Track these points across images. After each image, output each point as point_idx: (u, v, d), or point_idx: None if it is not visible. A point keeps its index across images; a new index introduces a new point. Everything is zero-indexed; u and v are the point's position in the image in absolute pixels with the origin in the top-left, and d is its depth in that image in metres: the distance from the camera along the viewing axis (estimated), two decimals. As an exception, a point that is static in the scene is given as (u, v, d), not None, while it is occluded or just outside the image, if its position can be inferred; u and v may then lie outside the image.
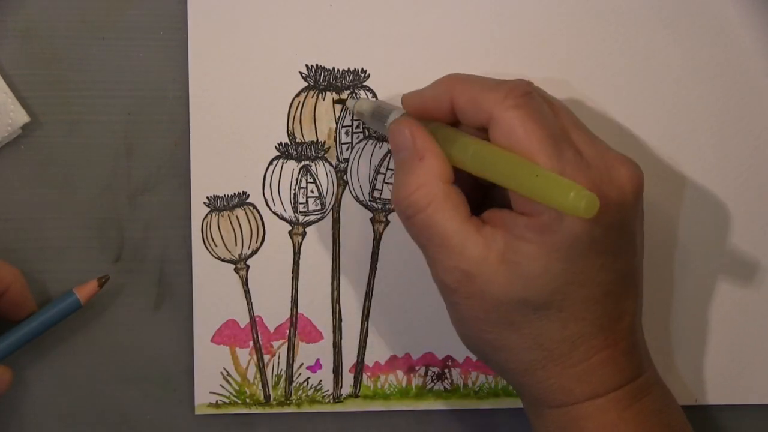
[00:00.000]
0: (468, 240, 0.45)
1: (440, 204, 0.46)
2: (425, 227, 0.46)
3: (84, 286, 0.52)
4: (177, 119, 0.53)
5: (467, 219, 0.46)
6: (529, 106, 0.45)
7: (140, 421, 0.55)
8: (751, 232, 0.56)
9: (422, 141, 0.47)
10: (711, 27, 0.54)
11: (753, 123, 0.55)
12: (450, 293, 0.47)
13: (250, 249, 0.54)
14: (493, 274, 0.45)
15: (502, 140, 0.45)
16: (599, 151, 0.46)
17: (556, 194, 0.41)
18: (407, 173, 0.47)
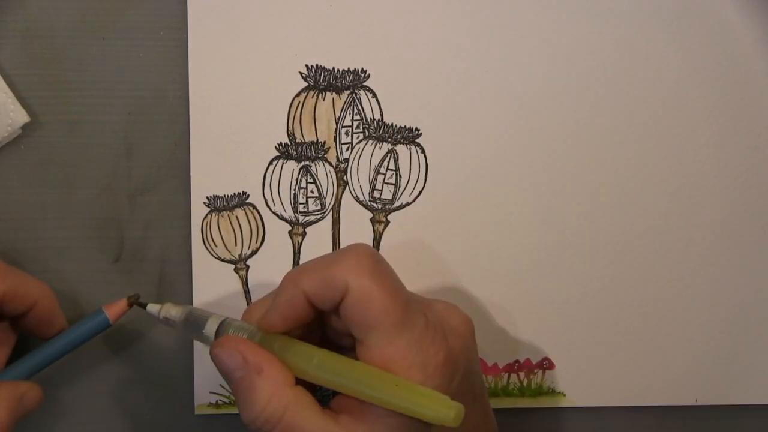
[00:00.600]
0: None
1: (295, 408, 0.44)
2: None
3: (113, 305, 0.51)
4: (177, 119, 0.53)
5: (323, 415, 0.45)
6: (382, 272, 0.44)
7: (140, 421, 0.55)
8: (751, 232, 0.56)
9: (254, 355, 0.45)
10: (711, 27, 0.54)
11: (753, 123, 0.55)
12: None
13: (250, 249, 0.54)
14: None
15: (356, 313, 0.44)
16: (432, 308, 0.47)
17: (422, 407, 0.42)
18: (250, 391, 0.45)
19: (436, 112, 0.54)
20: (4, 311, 0.49)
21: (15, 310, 0.50)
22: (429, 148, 0.54)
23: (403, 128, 0.54)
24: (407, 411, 0.42)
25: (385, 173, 0.54)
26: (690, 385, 0.57)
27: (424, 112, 0.54)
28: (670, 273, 0.56)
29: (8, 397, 0.48)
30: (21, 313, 0.50)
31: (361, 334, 0.44)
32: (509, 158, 0.54)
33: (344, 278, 0.44)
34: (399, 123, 0.54)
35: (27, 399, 0.49)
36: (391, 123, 0.54)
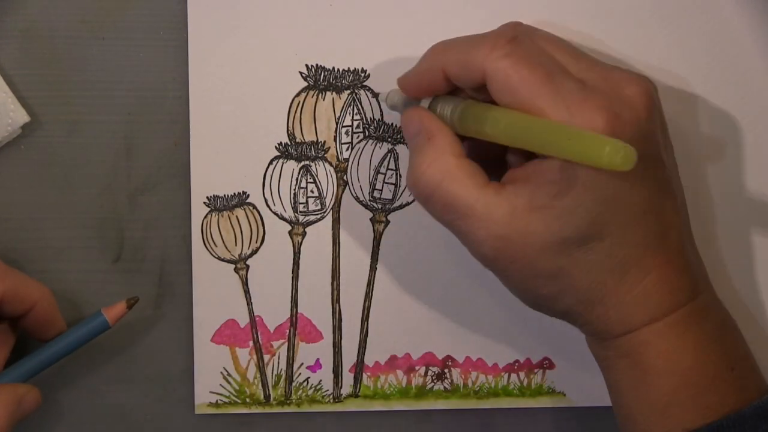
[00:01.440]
0: (491, 203, 0.45)
1: (454, 176, 0.46)
2: (445, 203, 0.46)
3: (112, 308, 0.52)
4: (177, 119, 0.53)
5: (485, 185, 0.46)
6: (518, 51, 0.45)
7: (140, 420, 0.55)
8: (750, 232, 0.56)
9: (429, 122, 0.47)
10: (711, 27, 0.54)
11: (753, 123, 0.55)
12: (492, 263, 0.46)
13: (250, 249, 0.54)
14: (527, 226, 0.45)
15: (501, 94, 0.45)
16: (603, 74, 0.46)
17: (592, 152, 0.41)
18: (418, 155, 0.47)
19: (436, 112, 0.54)
20: (4, 312, 0.49)
21: (14, 312, 0.50)
22: (429, 148, 0.54)
23: (403, 128, 0.54)
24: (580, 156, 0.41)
25: (385, 173, 0.54)
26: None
27: (424, 112, 0.54)
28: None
29: (7, 400, 0.48)
30: (20, 315, 0.50)
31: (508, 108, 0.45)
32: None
33: (481, 63, 0.45)
34: (399, 123, 0.54)
35: (25, 402, 0.49)
36: (391, 123, 0.54)
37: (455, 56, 0.46)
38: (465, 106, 0.47)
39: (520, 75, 0.44)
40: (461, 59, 0.46)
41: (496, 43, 0.45)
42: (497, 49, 0.45)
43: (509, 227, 0.45)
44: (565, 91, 0.44)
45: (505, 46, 0.45)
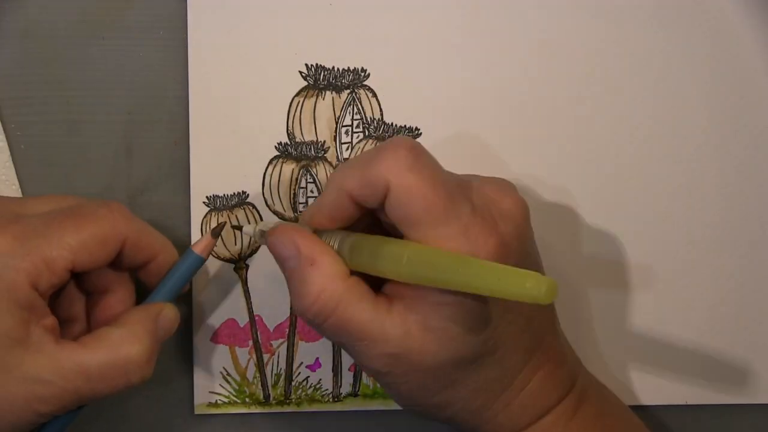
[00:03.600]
0: (385, 324, 0.44)
1: (347, 302, 0.44)
2: (340, 329, 0.45)
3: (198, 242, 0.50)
4: (177, 119, 0.53)
5: (376, 304, 0.45)
6: (422, 165, 0.44)
7: (140, 420, 0.55)
8: (750, 232, 0.56)
9: (308, 246, 0.45)
10: (710, 27, 0.54)
11: (752, 122, 0.55)
12: (384, 376, 0.46)
13: (250, 248, 0.54)
14: (421, 346, 0.44)
15: (400, 209, 0.44)
16: (479, 191, 0.45)
17: (512, 286, 0.40)
18: (303, 283, 0.45)
19: (436, 112, 0.54)
20: (125, 260, 0.48)
21: (135, 261, 0.49)
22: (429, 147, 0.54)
23: (403, 128, 0.54)
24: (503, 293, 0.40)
25: (384, 173, 0.54)
26: (688, 385, 0.57)
27: (424, 111, 0.54)
28: (669, 272, 0.56)
29: (141, 318, 0.47)
30: (140, 265, 0.49)
31: (406, 230, 0.44)
32: (509, 158, 0.54)
33: (384, 176, 0.44)
34: (399, 122, 0.54)
35: (163, 318, 0.48)
36: (391, 122, 0.54)
37: (356, 174, 0.45)
38: (357, 239, 0.45)
39: (424, 194, 0.43)
40: (363, 176, 0.44)
41: (397, 155, 0.44)
42: (400, 163, 0.43)
43: (404, 347, 0.44)
44: (462, 214, 0.44)
45: (407, 157, 0.44)
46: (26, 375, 0.44)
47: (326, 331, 0.46)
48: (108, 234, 0.47)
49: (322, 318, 0.45)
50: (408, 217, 0.44)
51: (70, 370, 0.44)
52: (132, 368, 0.46)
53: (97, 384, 0.45)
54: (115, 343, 0.46)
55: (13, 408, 0.44)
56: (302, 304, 0.45)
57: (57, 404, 0.44)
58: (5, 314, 0.43)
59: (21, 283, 0.44)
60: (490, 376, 0.46)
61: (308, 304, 0.45)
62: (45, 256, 0.45)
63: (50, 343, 0.44)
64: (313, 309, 0.45)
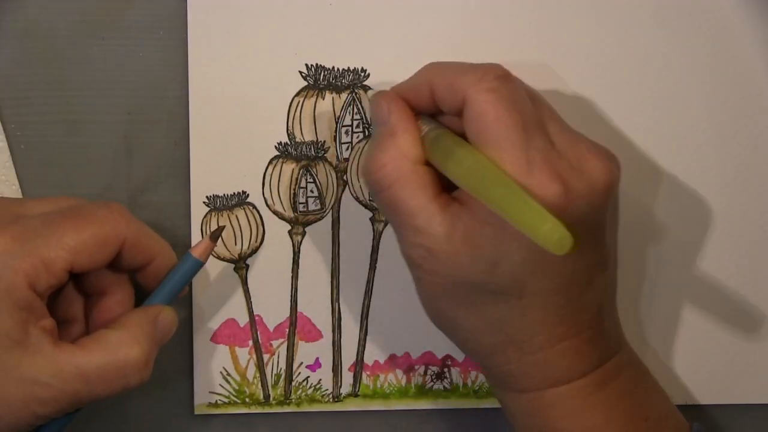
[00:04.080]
0: (433, 218, 0.45)
1: (405, 182, 0.46)
2: (391, 204, 0.46)
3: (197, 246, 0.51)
4: (177, 119, 0.53)
5: (435, 197, 0.46)
6: (504, 89, 0.45)
7: (140, 420, 0.55)
8: (750, 232, 0.56)
9: (397, 117, 0.47)
10: (710, 27, 0.54)
11: (752, 123, 0.55)
12: (414, 268, 0.47)
13: (250, 248, 0.54)
14: (456, 254, 0.45)
15: (471, 124, 0.45)
16: (573, 143, 0.46)
17: (531, 223, 0.41)
18: (378, 149, 0.47)
19: (436, 111, 0.54)
20: (124, 262, 0.48)
21: (134, 262, 0.49)
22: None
23: (403, 128, 0.54)
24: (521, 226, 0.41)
25: (384, 173, 0.54)
26: (688, 385, 0.57)
27: (423, 111, 0.54)
28: (668, 272, 0.56)
29: (140, 321, 0.47)
30: (139, 267, 0.49)
31: (475, 146, 0.45)
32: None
33: (465, 89, 0.45)
34: (399, 122, 0.54)
35: (162, 321, 0.48)
36: (391, 122, 0.54)
37: (444, 77, 0.46)
38: (439, 134, 0.46)
39: (497, 113, 0.44)
40: (448, 81, 0.46)
41: (485, 74, 0.45)
42: (484, 81, 0.45)
43: (440, 247, 0.45)
44: (532, 146, 0.44)
45: (493, 81, 0.45)
46: (24, 376, 0.44)
47: (381, 202, 0.47)
48: (107, 235, 0.47)
49: (379, 187, 0.46)
50: (478, 134, 0.45)
51: (68, 372, 0.44)
52: (130, 371, 0.46)
53: (95, 386, 0.45)
54: (113, 345, 0.46)
55: (11, 410, 0.44)
56: (369, 168, 0.47)
57: (55, 406, 0.44)
58: (4, 315, 0.43)
59: (19, 284, 0.44)
60: (510, 319, 0.46)
61: (372, 169, 0.46)
62: (44, 257, 0.45)
63: (49, 345, 0.44)
64: (375, 176, 0.46)
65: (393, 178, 0.46)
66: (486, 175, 0.43)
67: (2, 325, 0.44)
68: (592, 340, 0.47)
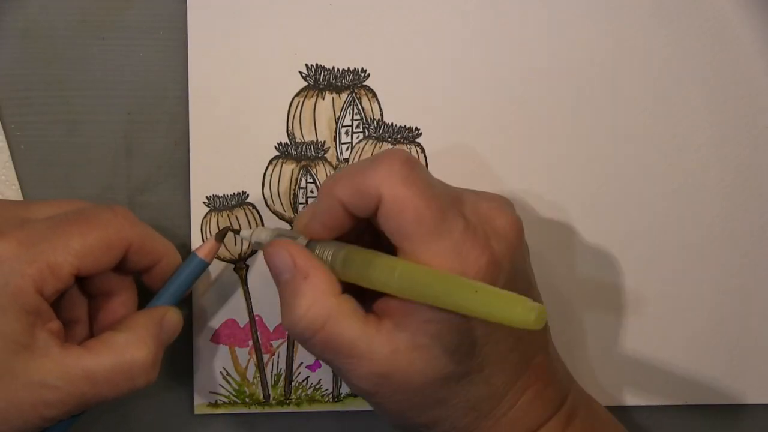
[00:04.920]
0: (373, 342, 0.44)
1: (336, 318, 0.45)
2: (328, 345, 0.45)
3: (202, 247, 0.51)
4: (177, 119, 0.53)
5: (365, 322, 0.45)
6: (415, 178, 0.44)
7: (140, 421, 0.55)
8: (750, 232, 0.56)
9: (303, 260, 0.46)
10: (710, 27, 0.54)
11: (752, 123, 0.55)
12: (372, 396, 0.46)
13: (250, 249, 0.54)
14: (409, 365, 0.44)
15: (391, 222, 0.44)
16: (476, 207, 0.46)
17: (502, 310, 0.40)
18: (294, 296, 0.45)
19: (436, 112, 0.54)
20: (129, 264, 0.48)
21: (139, 264, 0.49)
22: (429, 148, 0.54)
23: (403, 128, 0.54)
24: (490, 315, 0.41)
25: (384, 173, 0.54)
26: (688, 385, 0.57)
27: (424, 112, 0.54)
28: (669, 272, 0.56)
29: (146, 322, 0.47)
30: (145, 269, 0.49)
31: (397, 243, 0.44)
32: (509, 158, 0.54)
33: (377, 187, 0.44)
34: (399, 123, 0.54)
35: (167, 322, 0.48)
36: (391, 123, 0.54)
37: (349, 183, 0.45)
38: (349, 251, 0.46)
39: (416, 207, 0.43)
40: (355, 185, 0.45)
41: (391, 166, 0.44)
42: (393, 174, 0.44)
43: (391, 365, 0.44)
44: (454, 230, 0.44)
45: (401, 171, 0.44)
46: (32, 380, 0.44)
47: (315, 347, 0.46)
48: (113, 239, 0.47)
49: (311, 332, 0.45)
50: (399, 230, 0.44)
51: (76, 375, 0.44)
52: (137, 372, 0.46)
53: (102, 388, 0.45)
54: (120, 347, 0.46)
55: (19, 413, 0.44)
56: (292, 317, 0.45)
57: (62, 408, 0.45)
58: (12, 320, 0.44)
59: (27, 288, 0.44)
60: (478, 395, 0.46)
61: (298, 317, 0.45)
62: (50, 261, 0.45)
63: (56, 348, 0.45)
64: (302, 323, 0.45)
65: (322, 320, 0.45)
66: (426, 280, 0.43)
67: (10, 329, 0.44)
68: (550, 383, 0.48)
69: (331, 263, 0.46)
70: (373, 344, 0.44)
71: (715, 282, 0.56)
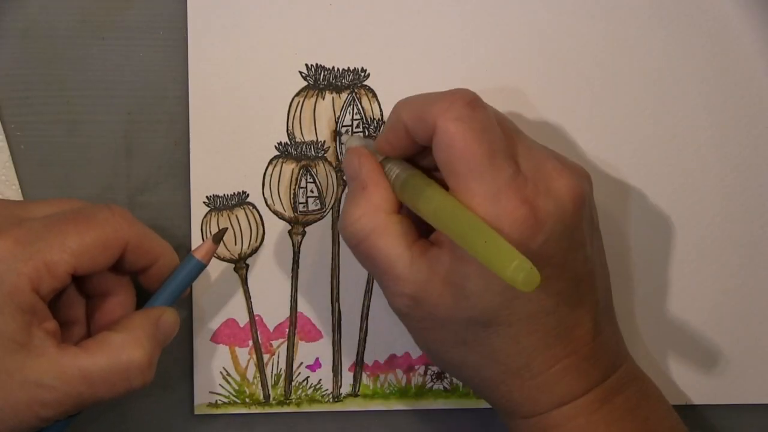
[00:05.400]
0: (412, 265, 0.46)
1: (380, 233, 0.46)
2: (368, 256, 0.47)
3: (199, 248, 0.51)
4: (177, 119, 0.53)
5: (411, 244, 0.46)
6: (471, 117, 0.45)
7: (139, 421, 0.55)
8: (750, 232, 0.56)
9: (367, 171, 0.48)
10: (711, 27, 0.54)
11: (752, 123, 0.55)
12: (404, 317, 0.48)
13: (250, 248, 0.54)
14: (439, 296, 0.45)
15: (441, 154, 0.45)
16: (539, 164, 0.46)
17: (499, 262, 0.41)
18: (351, 203, 0.48)
19: (436, 111, 0.54)
20: (126, 264, 0.48)
21: (137, 264, 0.49)
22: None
23: (403, 128, 0.54)
24: (490, 265, 0.41)
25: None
26: (687, 385, 0.57)
27: (423, 111, 0.54)
28: (669, 272, 0.56)
29: (142, 323, 0.47)
30: (142, 269, 0.49)
31: (446, 177, 0.45)
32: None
33: (434, 117, 0.45)
34: (399, 123, 0.54)
35: (163, 322, 0.48)
36: (391, 122, 0.54)
37: (413, 110, 0.46)
38: (409, 176, 0.47)
39: (465, 144, 0.44)
40: (417, 112, 0.46)
41: (453, 102, 0.45)
42: (452, 110, 0.45)
43: (423, 292, 0.46)
44: (499, 175, 0.44)
45: (461, 109, 0.45)
46: (28, 379, 0.44)
47: (359, 255, 0.48)
48: (110, 238, 0.47)
49: (355, 240, 0.47)
50: (447, 165, 0.45)
51: (72, 375, 0.44)
52: (134, 373, 0.46)
53: (98, 389, 0.45)
54: (117, 347, 0.46)
55: (15, 412, 0.44)
56: (344, 222, 0.48)
57: (58, 408, 0.44)
58: (8, 318, 0.44)
59: (23, 287, 0.44)
60: (503, 349, 0.46)
61: (348, 224, 0.47)
62: (47, 260, 0.45)
63: (52, 347, 0.44)
64: (350, 229, 0.47)
65: (368, 230, 0.47)
66: (453, 214, 0.44)
67: (6, 329, 0.44)
68: (591, 357, 0.47)
69: (393, 182, 0.48)
70: (412, 267, 0.46)
71: (715, 281, 0.56)
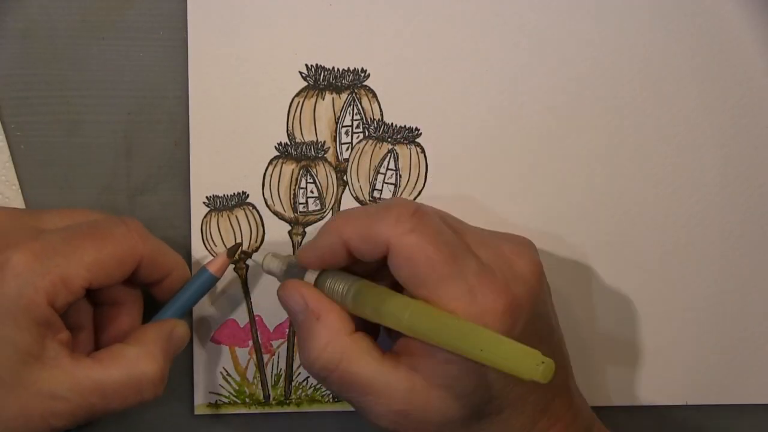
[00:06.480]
0: (390, 379, 0.45)
1: (351, 357, 0.46)
2: (344, 382, 0.46)
3: (213, 261, 0.51)
4: (177, 119, 0.53)
5: (382, 360, 0.46)
6: (423, 226, 0.45)
7: (139, 421, 0.55)
8: (750, 232, 0.56)
9: (314, 301, 0.47)
10: (711, 27, 0.54)
11: (752, 123, 0.55)
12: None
13: (250, 249, 0.54)
14: (426, 403, 0.45)
15: (402, 270, 0.45)
16: (494, 250, 0.46)
17: (520, 365, 0.40)
18: (309, 336, 0.47)
19: (436, 112, 0.54)
20: (140, 277, 0.49)
21: (150, 277, 0.49)
22: (429, 148, 0.54)
23: (403, 128, 0.54)
24: (497, 366, 0.41)
25: (385, 173, 0.54)
26: (688, 385, 0.57)
27: (424, 112, 0.54)
28: (669, 272, 0.56)
29: (155, 336, 0.48)
30: (155, 281, 0.50)
31: (412, 291, 0.45)
32: (509, 158, 0.54)
33: (385, 236, 0.45)
34: (399, 123, 0.54)
35: (175, 335, 0.49)
36: (391, 123, 0.54)
37: (357, 229, 0.46)
38: (360, 287, 0.46)
39: (425, 254, 0.44)
40: (364, 232, 0.45)
41: (399, 216, 0.45)
42: (401, 224, 0.44)
43: (409, 403, 0.45)
44: (467, 273, 0.44)
45: (409, 221, 0.45)
46: (42, 390, 0.44)
47: (332, 385, 0.46)
48: (125, 254, 0.47)
49: (327, 371, 0.46)
50: (412, 278, 0.44)
51: (85, 386, 0.45)
52: (146, 386, 0.46)
53: (111, 401, 0.45)
54: (131, 361, 0.46)
55: (29, 423, 0.44)
56: (308, 357, 0.46)
57: (71, 419, 0.45)
58: (23, 331, 0.44)
59: (39, 301, 0.44)
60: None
61: (314, 357, 0.46)
62: (63, 274, 0.45)
63: (66, 359, 0.45)
64: (318, 363, 0.46)
65: (338, 358, 0.46)
66: (442, 323, 0.43)
67: (21, 341, 0.44)
68: (572, 422, 0.48)
69: (343, 298, 0.47)
70: (390, 382, 0.45)
71: (715, 282, 0.56)
